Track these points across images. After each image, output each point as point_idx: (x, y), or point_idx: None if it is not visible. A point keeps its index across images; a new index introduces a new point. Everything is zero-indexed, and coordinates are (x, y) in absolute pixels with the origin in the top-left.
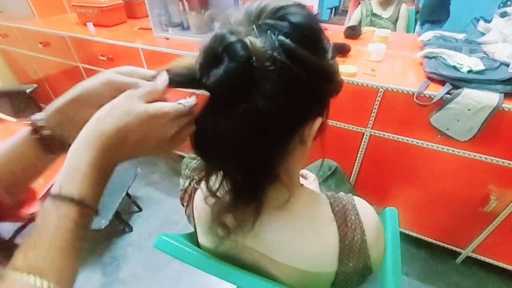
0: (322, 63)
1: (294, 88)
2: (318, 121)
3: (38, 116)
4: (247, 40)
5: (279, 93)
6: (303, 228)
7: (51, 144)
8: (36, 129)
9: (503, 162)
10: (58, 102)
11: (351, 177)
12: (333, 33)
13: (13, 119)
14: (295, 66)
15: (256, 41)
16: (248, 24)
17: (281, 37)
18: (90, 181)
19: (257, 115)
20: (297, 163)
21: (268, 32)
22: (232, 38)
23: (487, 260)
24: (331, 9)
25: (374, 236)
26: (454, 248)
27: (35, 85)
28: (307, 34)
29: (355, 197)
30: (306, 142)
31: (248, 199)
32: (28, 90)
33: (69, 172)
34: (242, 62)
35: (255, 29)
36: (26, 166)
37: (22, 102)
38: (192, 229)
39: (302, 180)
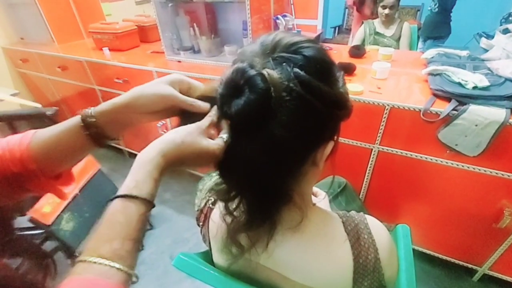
0: (335, 92)
1: (309, 116)
2: (330, 144)
3: (88, 112)
4: (265, 72)
5: (295, 121)
6: (317, 248)
7: (94, 138)
8: (86, 123)
9: None
10: (111, 104)
11: (361, 194)
12: (338, 53)
13: None
14: (310, 96)
15: (273, 73)
16: (264, 57)
17: (296, 69)
18: (157, 185)
19: (274, 142)
20: (309, 184)
21: (284, 64)
22: (252, 72)
23: (505, 277)
24: (335, 28)
25: (387, 255)
26: (470, 266)
27: (56, 108)
28: (320, 67)
29: (367, 216)
30: (318, 164)
31: (262, 220)
32: (48, 113)
33: (145, 178)
34: (262, 94)
35: (271, 61)
36: (69, 151)
37: (41, 124)
38: (204, 248)
39: (313, 198)
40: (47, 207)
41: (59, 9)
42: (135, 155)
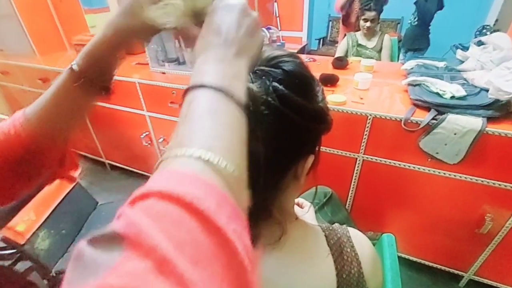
0: (313, 107)
1: (287, 130)
2: (311, 158)
3: (73, 63)
4: None
5: (273, 136)
6: (298, 263)
7: (85, 88)
8: (73, 74)
9: (493, 183)
10: (87, 47)
11: (347, 203)
12: (322, 64)
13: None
14: (288, 110)
15: (252, 86)
16: None
17: (275, 83)
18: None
19: (251, 157)
20: (290, 198)
21: (263, 78)
22: None
23: (490, 282)
24: (319, 39)
25: (371, 268)
26: (456, 272)
27: None
28: (299, 81)
29: (350, 229)
30: (299, 178)
31: None
32: None
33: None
34: None
35: (251, 74)
36: (66, 111)
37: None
38: None
39: (298, 210)
40: (22, 225)
41: (41, 20)
42: (117, 167)
